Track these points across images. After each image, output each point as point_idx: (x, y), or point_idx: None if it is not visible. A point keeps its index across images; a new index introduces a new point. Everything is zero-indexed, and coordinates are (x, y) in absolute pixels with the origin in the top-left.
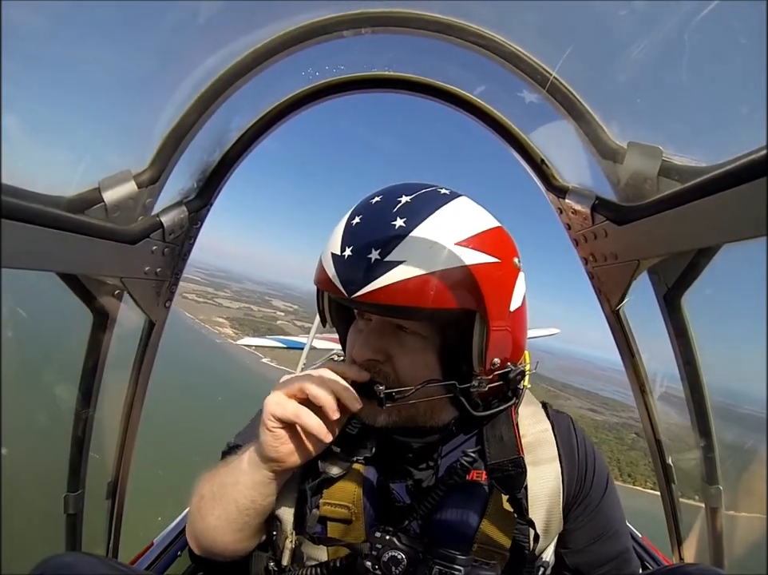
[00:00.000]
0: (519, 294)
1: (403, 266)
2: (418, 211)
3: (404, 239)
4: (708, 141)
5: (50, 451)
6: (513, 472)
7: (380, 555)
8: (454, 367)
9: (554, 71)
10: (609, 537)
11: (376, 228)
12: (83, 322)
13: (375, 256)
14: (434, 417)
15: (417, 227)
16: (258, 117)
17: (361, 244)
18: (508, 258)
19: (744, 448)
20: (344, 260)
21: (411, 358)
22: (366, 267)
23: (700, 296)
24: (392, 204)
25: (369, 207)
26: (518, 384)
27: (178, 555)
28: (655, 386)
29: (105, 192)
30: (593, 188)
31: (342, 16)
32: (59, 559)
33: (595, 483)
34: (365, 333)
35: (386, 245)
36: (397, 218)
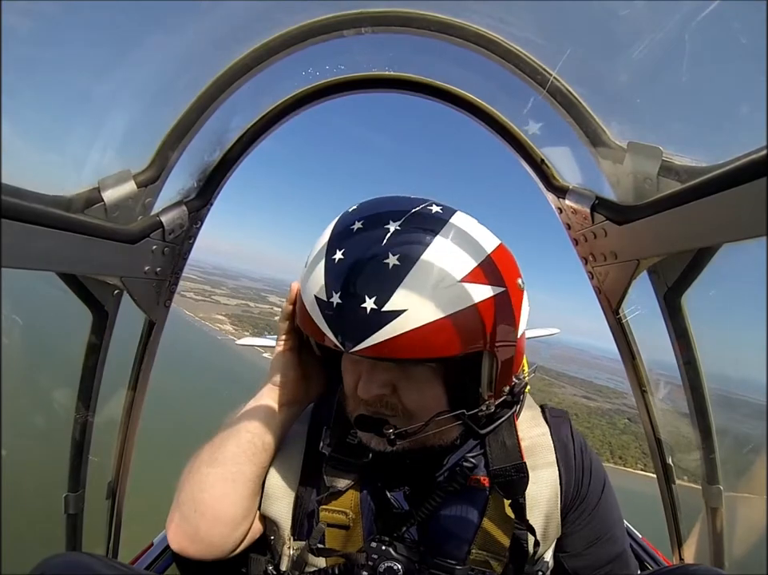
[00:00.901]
0: (525, 316)
1: (405, 316)
2: (412, 244)
3: (402, 283)
4: (708, 141)
5: (50, 451)
6: (516, 477)
7: (376, 565)
8: (463, 398)
9: (554, 71)
10: (606, 540)
11: (366, 268)
12: (83, 322)
13: (371, 305)
14: (443, 438)
15: (414, 266)
16: (258, 117)
17: (350, 290)
18: (512, 282)
19: (744, 448)
20: (333, 309)
21: (418, 388)
22: (362, 319)
23: (700, 296)
24: (380, 235)
25: (351, 238)
26: (519, 395)
27: None
28: (655, 385)
29: (105, 192)
30: (593, 188)
31: (342, 16)
32: (59, 559)
33: (592, 487)
34: (366, 368)
35: (382, 292)
36: (389, 255)
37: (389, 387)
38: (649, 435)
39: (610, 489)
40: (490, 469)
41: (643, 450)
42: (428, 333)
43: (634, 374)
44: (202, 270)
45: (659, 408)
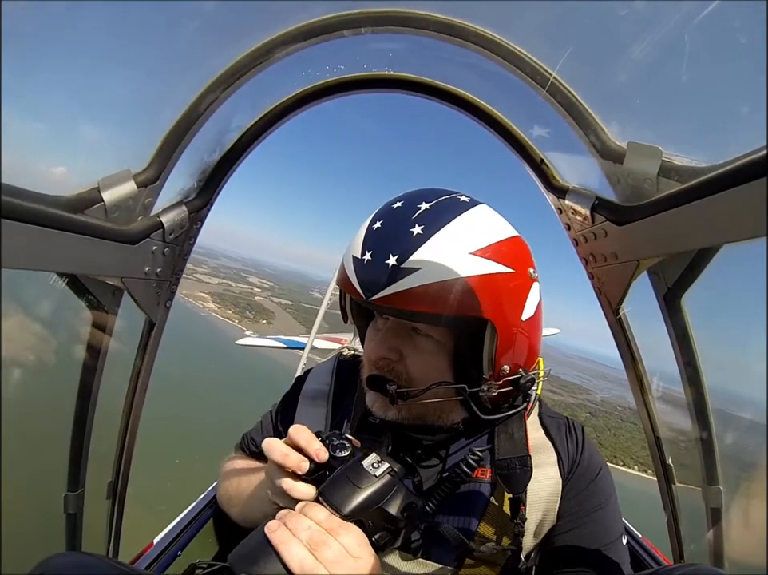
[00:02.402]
0: (532, 304)
1: (418, 273)
2: (436, 219)
3: (420, 247)
4: (708, 141)
5: (50, 451)
6: (519, 470)
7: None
8: (465, 371)
9: (554, 71)
10: (593, 521)
11: (395, 234)
12: (84, 322)
13: (393, 262)
14: (443, 417)
15: (433, 235)
16: (258, 117)
17: (380, 249)
18: (522, 268)
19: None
20: (363, 264)
21: (423, 359)
22: (384, 272)
23: (700, 296)
24: (411, 210)
25: (390, 212)
26: (529, 390)
27: (178, 555)
28: (655, 386)
29: (105, 192)
30: (593, 188)
31: (342, 16)
32: (59, 559)
33: (582, 468)
34: (381, 332)
35: (404, 252)
36: (416, 225)
37: (397, 353)
38: (649, 435)
39: (604, 480)
40: (495, 459)
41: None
42: (436, 291)
43: (634, 375)
44: None
45: (658, 408)
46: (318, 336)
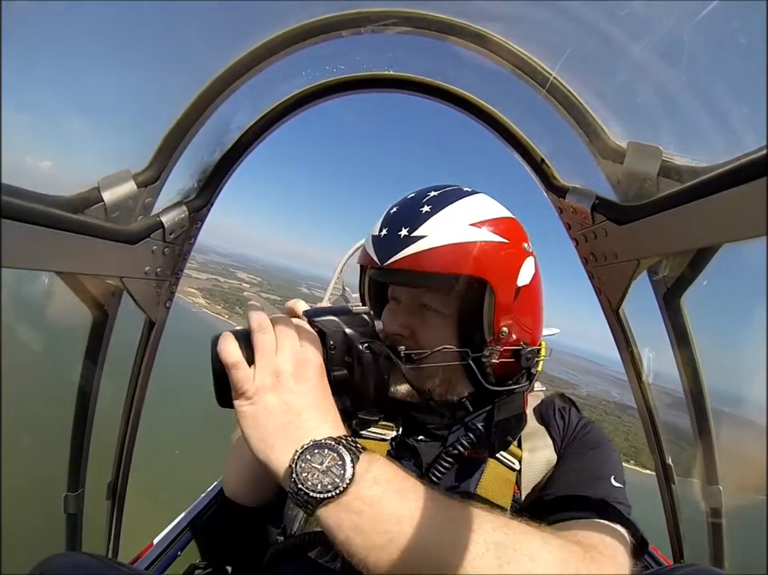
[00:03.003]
0: (526, 272)
1: (425, 239)
2: (442, 200)
3: (428, 220)
4: (708, 141)
5: (50, 451)
6: (513, 424)
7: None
8: (469, 339)
9: (554, 71)
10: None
11: (407, 213)
12: (83, 322)
13: (404, 233)
14: (450, 390)
15: (439, 211)
16: (258, 117)
17: (394, 225)
18: (516, 240)
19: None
20: (380, 238)
21: (432, 333)
22: (396, 241)
23: (700, 296)
24: (422, 196)
25: (404, 200)
26: (531, 366)
27: (178, 555)
28: (655, 386)
29: (105, 192)
30: (593, 188)
31: (342, 16)
32: (59, 559)
33: (576, 445)
34: (394, 310)
35: (413, 224)
36: (425, 206)
37: (409, 330)
38: (649, 435)
39: (600, 454)
40: (494, 421)
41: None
42: (440, 253)
43: (634, 374)
44: None
45: (658, 408)
46: None
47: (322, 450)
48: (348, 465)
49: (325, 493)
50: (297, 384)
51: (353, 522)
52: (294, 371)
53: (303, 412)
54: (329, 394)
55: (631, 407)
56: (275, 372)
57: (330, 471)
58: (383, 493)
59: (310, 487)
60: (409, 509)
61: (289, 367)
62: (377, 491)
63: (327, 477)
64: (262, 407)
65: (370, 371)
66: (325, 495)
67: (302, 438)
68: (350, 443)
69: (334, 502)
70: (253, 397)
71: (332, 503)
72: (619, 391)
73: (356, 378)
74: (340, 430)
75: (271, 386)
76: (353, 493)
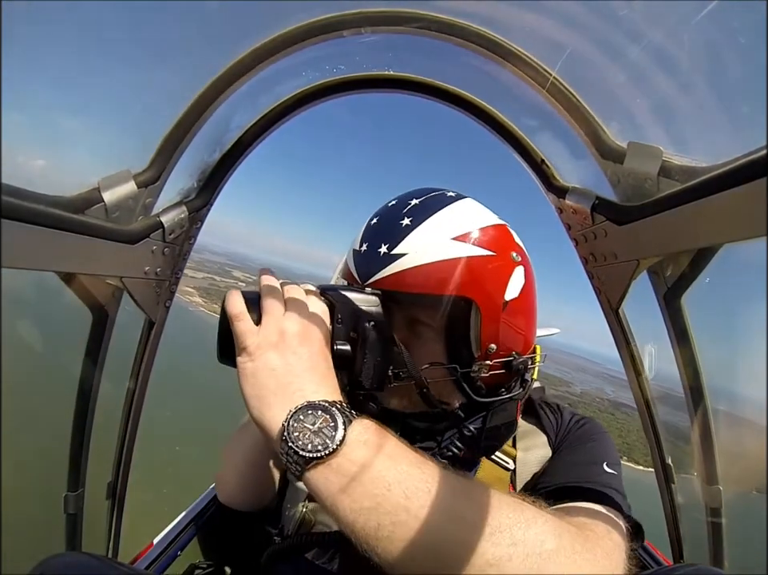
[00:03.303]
0: (515, 285)
1: (405, 258)
2: (423, 211)
3: (408, 236)
4: (708, 141)
5: (50, 451)
6: (504, 432)
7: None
8: (458, 355)
9: (554, 71)
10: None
11: (387, 226)
12: (83, 322)
13: (384, 250)
14: (443, 400)
15: (419, 225)
16: (258, 117)
17: (374, 240)
18: (503, 252)
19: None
20: (360, 254)
21: (422, 347)
22: (376, 260)
23: (700, 296)
24: (403, 205)
25: (385, 209)
26: (523, 373)
27: (178, 555)
28: (655, 385)
29: (105, 192)
30: (593, 188)
31: (342, 16)
32: (59, 559)
33: (570, 440)
34: None
35: (393, 241)
36: (405, 218)
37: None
38: (649, 435)
39: (594, 445)
40: (486, 427)
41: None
42: (421, 272)
43: (633, 374)
44: None
45: (658, 408)
46: None
47: (315, 411)
48: (340, 427)
49: (314, 453)
50: (300, 346)
51: (340, 484)
52: (299, 333)
53: (303, 374)
54: (330, 362)
55: (625, 405)
56: (279, 331)
57: (322, 432)
58: (374, 457)
59: (301, 446)
60: (399, 473)
61: (294, 328)
62: (367, 454)
63: (318, 437)
64: (262, 364)
65: (372, 350)
66: (314, 454)
67: (299, 399)
68: (344, 407)
69: (323, 464)
70: (255, 352)
71: (321, 464)
72: (613, 389)
73: (358, 355)
74: (337, 396)
75: (275, 344)
76: (342, 455)
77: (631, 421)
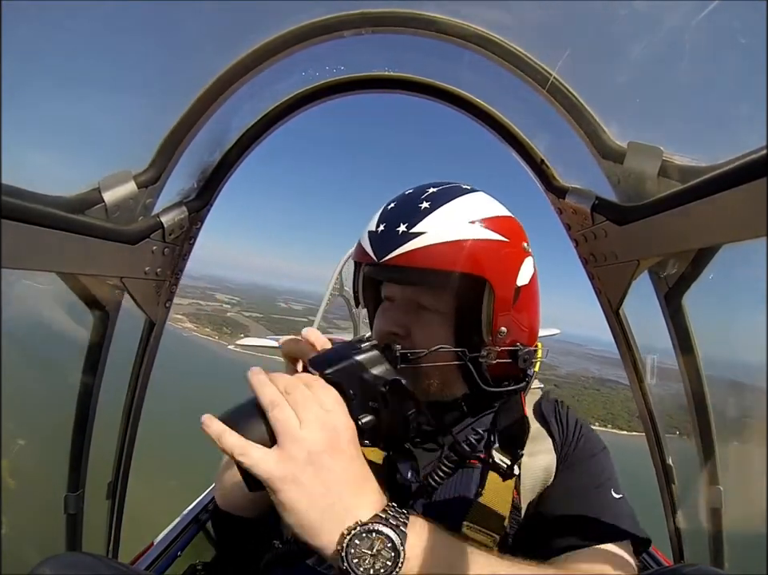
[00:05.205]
0: (526, 272)
1: (424, 236)
2: (441, 197)
3: (427, 216)
4: (708, 141)
5: (50, 451)
6: (517, 431)
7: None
8: (466, 339)
9: (554, 71)
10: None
11: (405, 208)
12: (83, 322)
13: (402, 229)
14: (446, 390)
15: (438, 208)
16: (258, 118)
17: (392, 221)
18: (516, 240)
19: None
20: (377, 234)
21: (428, 332)
22: (394, 237)
23: (701, 296)
24: (421, 192)
25: (402, 195)
26: (528, 367)
27: (178, 555)
28: (656, 385)
29: (105, 193)
30: (593, 188)
31: (342, 16)
32: (59, 559)
33: (577, 453)
34: (389, 309)
35: (413, 220)
36: (424, 202)
37: (404, 329)
38: (649, 435)
39: (599, 463)
40: (497, 429)
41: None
42: (439, 250)
43: (634, 374)
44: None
45: (659, 408)
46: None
47: (369, 533)
48: (398, 546)
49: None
50: (332, 459)
51: None
52: (326, 446)
53: (344, 490)
54: (363, 461)
55: (610, 380)
56: (305, 452)
57: (381, 554)
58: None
59: (363, 572)
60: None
61: (320, 443)
62: (425, 562)
63: (378, 561)
64: (299, 494)
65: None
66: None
67: (347, 518)
68: (394, 517)
69: None
70: (285, 485)
71: None
72: (598, 367)
73: (384, 421)
74: (382, 502)
75: (304, 469)
76: (404, 571)
77: (615, 394)
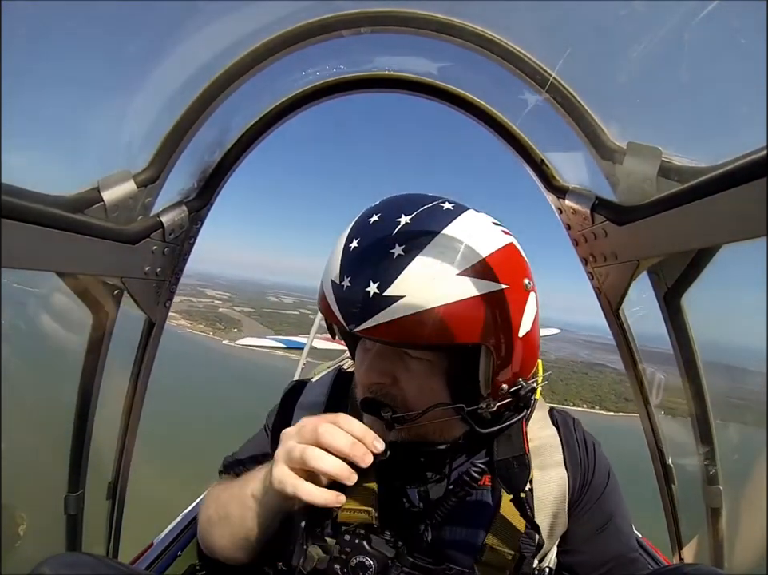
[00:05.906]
0: (529, 317)
1: (402, 302)
2: (417, 236)
3: (403, 272)
4: (708, 141)
5: (50, 451)
6: (518, 468)
7: (348, 559)
8: (462, 390)
9: (554, 71)
10: (607, 533)
11: (374, 256)
12: (83, 322)
13: (374, 290)
14: (444, 434)
15: (416, 257)
16: (258, 117)
17: (359, 274)
18: (516, 281)
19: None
20: (343, 290)
21: (418, 382)
22: (365, 301)
23: (700, 296)
24: (391, 226)
25: (367, 228)
26: (529, 397)
27: (178, 555)
28: (655, 385)
29: (105, 192)
30: (593, 188)
31: (342, 15)
32: (59, 559)
33: (596, 480)
34: (370, 356)
35: (385, 278)
36: (396, 245)
37: (390, 377)
38: (648, 435)
39: (615, 486)
40: (494, 460)
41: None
42: (423, 321)
43: (633, 374)
44: None
45: (658, 408)
46: (318, 336)
47: None
48: None
49: None
50: None
51: None
52: None
53: None
54: None
55: (597, 364)
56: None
57: None
58: None
59: None
60: None
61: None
62: None
63: None
64: None
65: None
66: None
67: None
68: None
69: None
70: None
71: None
72: (588, 352)
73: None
74: None
75: None
76: None
77: (602, 377)
